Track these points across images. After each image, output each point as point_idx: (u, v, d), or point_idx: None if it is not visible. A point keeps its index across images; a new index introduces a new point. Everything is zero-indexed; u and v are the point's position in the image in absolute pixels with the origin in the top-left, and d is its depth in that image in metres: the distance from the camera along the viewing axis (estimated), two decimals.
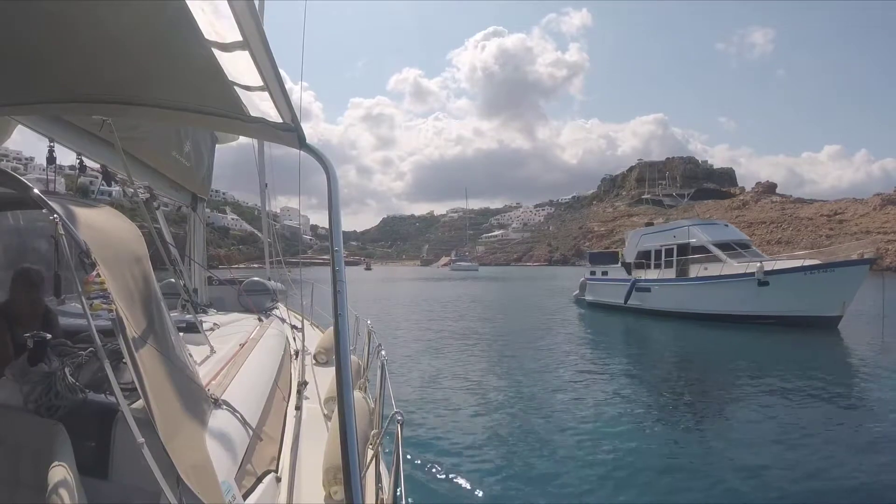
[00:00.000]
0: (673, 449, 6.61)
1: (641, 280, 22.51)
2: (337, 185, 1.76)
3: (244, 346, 3.36)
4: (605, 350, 14.63)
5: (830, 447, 6.53)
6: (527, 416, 8.01)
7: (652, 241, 23.13)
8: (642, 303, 22.07)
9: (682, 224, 22.21)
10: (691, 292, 19.83)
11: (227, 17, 1.34)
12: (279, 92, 1.62)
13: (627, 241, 25.67)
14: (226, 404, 2.16)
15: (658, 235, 23.09)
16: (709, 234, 20.89)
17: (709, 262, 19.76)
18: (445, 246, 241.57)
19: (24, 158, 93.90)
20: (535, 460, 6.23)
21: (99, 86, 1.81)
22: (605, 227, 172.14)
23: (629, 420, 7.75)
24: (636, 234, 24.95)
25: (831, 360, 12.89)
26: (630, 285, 22.54)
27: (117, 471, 1.70)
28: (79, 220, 1.55)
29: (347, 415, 1.33)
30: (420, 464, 5.95)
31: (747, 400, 8.95)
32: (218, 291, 6.44)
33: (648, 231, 24.41)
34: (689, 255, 20.61)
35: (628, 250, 24.91)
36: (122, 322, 1.50)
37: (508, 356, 13.09)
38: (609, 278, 25.36)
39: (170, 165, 4.49)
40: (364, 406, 3.10)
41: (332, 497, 2.29)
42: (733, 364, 12.22)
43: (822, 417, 7.84)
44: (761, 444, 6.62)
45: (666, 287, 21.17)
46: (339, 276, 1.56)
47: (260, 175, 8.56)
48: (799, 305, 16.62)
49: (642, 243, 23.70)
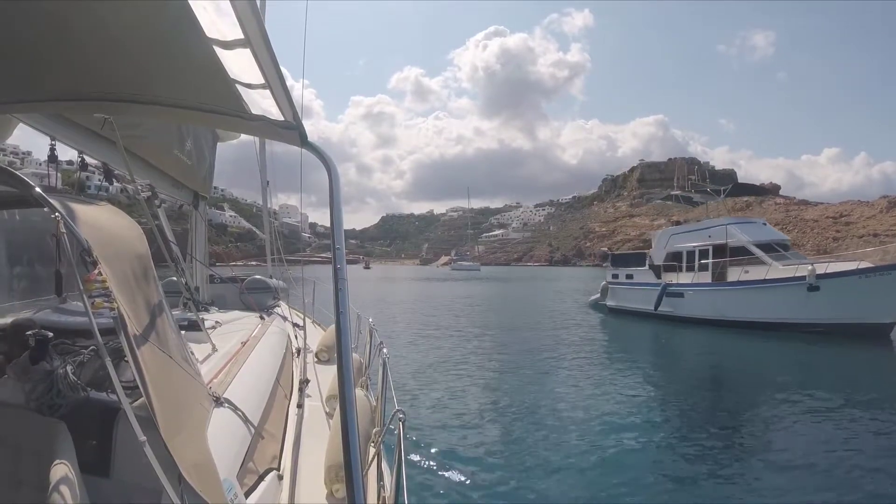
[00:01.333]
0: (701, 473, 5.94)
1: (673, 285, 20.28)
2: (339, 183, 1.76)
3: (246, 344, 3.36)
4: (632, 360, 13.34)
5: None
6: (533, 418, 7.98)
7: (684, 242, 20.89)
8: (674, 309, 19.92)
9: (718, 223, 20.01)
10: (731, 298, 18.01)
11: (228, 14, 1.34)
12: (280, 90, 1.62)
13: (655, 242, 23.19)
14: (227, 402, 2.16)
15: (691, 235, 20.86)
16: (749, 233, 18.95)
17: (750, 265, 17.86)
18: (445, 245, 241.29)
19: (20, 153, 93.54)
20: (538, 460, 6.23)
21: (100, 84, 1.81)
22: (607, 228, 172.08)
23: (650, 431, 7.35)
24: (665, 234, 22.52)
25: (891, 373, 12.08)
26: (661, 290, 20.25)
27: (119, 469, 1.70)
28: (80, 218, 1.55)
29: (349, 413, 1.33)
30: (422, 462, 5.96)
31: (796, 419, 7.97)
32: (219, 289, 6.44)
33: (679, 230, 21.98)
34: (728, 256, 18.70)
35: (656, 251, 22.50)
36: (123, 320, 1.50)
37: (518, 360, 12.67)
38: (636, 282, 22.84)
39: (171, 163, 4.49)
40: (366, 404, 3.10)
41: (334, 495, 2.29)
42: (781, 378, 10.89)
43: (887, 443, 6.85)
44: (810, 474, 5.86)
45: (701, 292, 19.20)
46: (340, 273, 1.56)
47: (261, 173, 8.56)
48: (851, 312, 15.35)
49: (672, 244, 21.44)
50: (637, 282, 22.77)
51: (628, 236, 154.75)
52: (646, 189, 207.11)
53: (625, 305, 23.19)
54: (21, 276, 3.16)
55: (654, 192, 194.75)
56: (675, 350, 15.83)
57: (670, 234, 22.10)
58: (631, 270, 23.49)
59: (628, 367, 12.16)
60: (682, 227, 22.27)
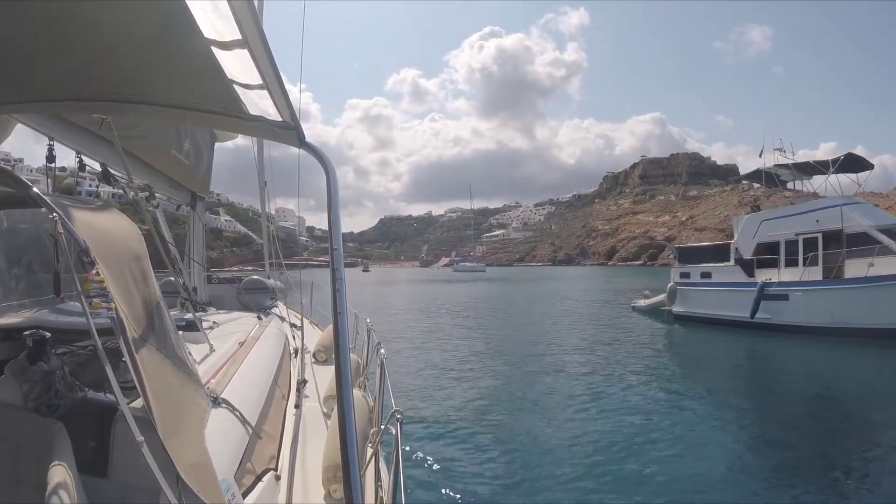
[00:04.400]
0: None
1: (773, 284, 15.93)
2: (337, 185, 1.76)
3: (244, 344, 3.36)
4: (714, 384, 10.15)
5: None
6: (536, 420, 7.97)
7: (781, 229, 16.53)
8: (773, 316, 15.60)
9: (827, 203, 15.83)
10: (855, 300, 13.92)
11: (226, 15, 1.34)
12: (278, 90, 1.62)
13: (739, 230, 18.13)
14: (225, 403, 2.16)
15: (790, 221, 16.43)
16: (869, 216, 14.96)
17: (878, 257, 13.82)
18: (444, 246, 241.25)
19: (12, 160, 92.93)
20: (536, 461, 6.24)
21: (98, 84, 1.81)
22: (610, 226, 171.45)
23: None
24: (753, 221, 17.75)
25: None
26: (758, 292, 15.76)
27: (117, 469, 1.70)
28: (78, 219, 1.55)
29: (347, 413, 1.33)
30: (420, 462, 5.96)
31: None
32: (217, 290, 6.44)
33: (773, 215, 17.46)
34: (844, 246, 14.75)
35: (742, 242, 17.80)
36: (121, 320, 1.50)
37: (546, 367, 11.50)
38: (716, 282, 18.07)
39: (169, 164, 4.48)
40: (364, 404, 3.10)
41: (332, 495, 2.30)
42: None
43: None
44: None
45: (813, 293, 14.93)
46: (338, 274, 1.56)
47: (259, 174, 8.55)
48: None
49: (764, 232, 17.06)
50: (718, 281, 18.01)
51: (633, 234, 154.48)
52: (648, 185, 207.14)
53: (700, 312, 18.36)
54: (19, 277, 3.15)
55: (657, 188, 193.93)
56: (781, 372, 11.40)
57: (760, 220, 17.46)
58: (708, 267, 18.52)
59: (707, 394, 9.29)
60: (776, 211, 17.73)
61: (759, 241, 17.22)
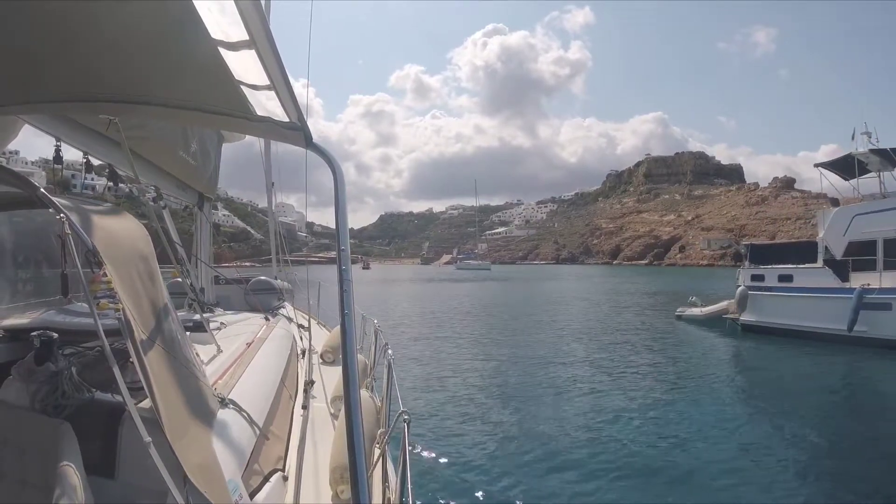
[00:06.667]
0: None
1: (872, 290, 13.29)
2: (343, 185, 1.76)
3: (251, 345, 3.36)
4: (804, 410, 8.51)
5: None
6: (540, 421, 7.93)
7: (878, 225, 13.96)
8: (870, 329, 13.13)
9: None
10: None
11: (233, 15, 1.34)
12: (285, 91, 1.62)
13: (826, 227, 15.38)
14: (233, 403, 2.16)
15: (889, 216, 13.91)
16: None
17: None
18: (446, 244, 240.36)
19: (7, 152, 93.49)
20: (544, 462, 6.21)
21: (105, 85, 1.81)
22: (614, 224, 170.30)
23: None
24: (843, 215, 15.01)
25: None
26: (856, 299, 13.21)
27: (124, 470, 1.70)
28: (85, 219, 1.56)
29: (354, 414, 1.32)
30: (427, 463, 5.96)
31: None
32: (225, 290, 6.46)
33: (867, 209, 14.62)
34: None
35: (831, 239, 15.17)
36: (128, 321, 1.51)
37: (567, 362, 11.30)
38: (802, 287, 15.11)
39: (176, 165, 4.50)
40: (371, 405, 3.10)
41: (339, 496, 2.29)
42: None
43: None
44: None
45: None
46: (345, 274, 1.56)
47: (266, 174, 8.55)
48: None
49: (858, 228, 14.44)
50: (802, 286, 15.15)
51: (637, 232, 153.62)
52: (653, 184, 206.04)
53: (777, 322, 15.50)
54: (26, 278, 3.17)
55: (662, 188, 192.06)
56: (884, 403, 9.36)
57: (853, 215, 14.77)
58: (789, 269, 15.68)
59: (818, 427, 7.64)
60: (872, 205, 14.84)
61: (850, 240, 14.62)
